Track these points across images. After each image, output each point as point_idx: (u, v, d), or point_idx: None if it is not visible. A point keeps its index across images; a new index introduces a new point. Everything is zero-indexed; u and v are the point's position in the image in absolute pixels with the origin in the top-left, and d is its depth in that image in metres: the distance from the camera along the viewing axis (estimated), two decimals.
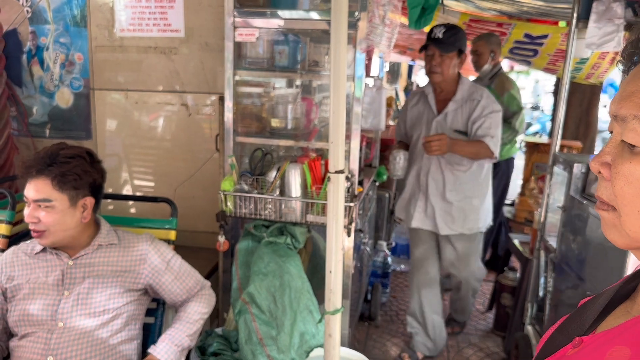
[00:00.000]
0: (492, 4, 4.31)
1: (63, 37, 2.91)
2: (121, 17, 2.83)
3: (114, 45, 2.88)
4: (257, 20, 2.45)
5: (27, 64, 2.97)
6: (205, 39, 2.76)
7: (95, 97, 2.96)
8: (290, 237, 2.42)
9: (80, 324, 1.74)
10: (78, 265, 1.81)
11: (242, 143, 2.58)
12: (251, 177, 2.49)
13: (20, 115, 3.02)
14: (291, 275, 2.32)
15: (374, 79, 3.15)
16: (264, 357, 2.23)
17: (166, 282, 1.91)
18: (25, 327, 1.75)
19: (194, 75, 2.83)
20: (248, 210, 2.44)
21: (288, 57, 2.54)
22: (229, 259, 2.52)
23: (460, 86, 2.86)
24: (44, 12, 2.90)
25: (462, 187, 2.92)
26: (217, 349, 2.33)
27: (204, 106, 2.84)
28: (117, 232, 1.92)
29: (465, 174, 2.90)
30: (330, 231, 1.62)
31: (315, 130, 2.59)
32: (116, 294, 1.81)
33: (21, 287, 1.78)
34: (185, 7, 2.75)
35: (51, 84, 2.98)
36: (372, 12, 2.45)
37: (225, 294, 2.53)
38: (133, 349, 1.88)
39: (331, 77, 1.51)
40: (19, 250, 1.87)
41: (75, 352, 1.72)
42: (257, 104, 2.68)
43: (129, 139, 2.98)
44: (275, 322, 2.27)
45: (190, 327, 1.89)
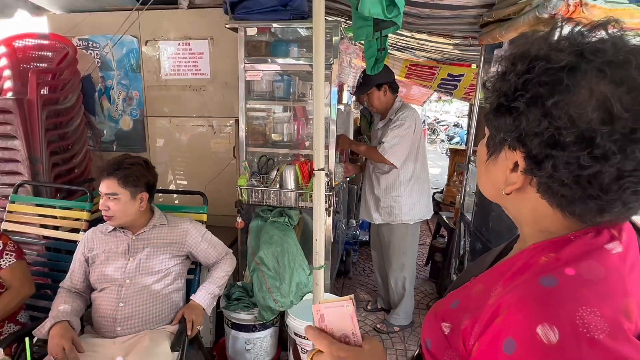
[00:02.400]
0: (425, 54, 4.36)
1: (124, 80, 2.92)
2: (165, 65, 2.84)
3: (160, 85, 2.89)
4: (260, 65, 2.47)
5: (99, 99, 2.98)
6: (225, 79, 2.78)
7: (148, 122, 2.98)
8: (288, 217, 2.46)
9: (142, 280, 1.77)
10: (139, 239, 1.83)
11: (252, 152, 2.60)
12: (259, 176, 2.52)
13: (95, 136, 3.03)
14: (289, 244, 2.35)
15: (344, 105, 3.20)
16: (271, 300, 2.26)
17: (202, 249, 1.94)
18: (102, 283, 1.77)
19: (217, 105, 2.85)
20: (257, 199, 2.47)
21: (283, 91, 2.56)
22: (245, 234, 2.54)
23: (390, 109, 2.70)
24: (110, 62, 2.89)
25: (386, 186, 2.72)
26: (238, 296, 2.36)
27: (224, 126, 2.86)
28: (166, 216, 1.94)
29: (385, 175, 2.71)
30: (316, 212, 1.65)
31: (303, 142, 2.62)
32: (166, 259, 1.83)
33: (98, 256, 1.80)
34: (210, 57, 2.77)
35: (116, 113, 2.99)
36: (342, 59, 2.49)
37: (243, 258, 2.56)
38: (180, 297, 1.91)
39: (314, 104, 1.54)
40: (96, 230, 1.88)
41: (138, 300, 1.75)
42: (262, 124, 2.70)
43: (172, 151, 2.99)
44: (278, 276, 2.30)
45: (219, 281, 1.93)
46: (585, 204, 0.52)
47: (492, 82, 0.60)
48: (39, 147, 2.36)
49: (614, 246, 0.53)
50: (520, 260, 0.58)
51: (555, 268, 0.51)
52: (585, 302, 0.47)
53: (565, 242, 0.55)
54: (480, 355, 0.53)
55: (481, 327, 0.54)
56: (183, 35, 2.77)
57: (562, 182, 0.51)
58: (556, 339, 0.45)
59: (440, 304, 0.68)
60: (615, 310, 0.47)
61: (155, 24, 2.78)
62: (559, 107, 0.49)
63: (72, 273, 1.82)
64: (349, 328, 0.60)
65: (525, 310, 0.48)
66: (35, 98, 2.31)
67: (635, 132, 0.46)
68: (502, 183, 0.60)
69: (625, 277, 0.51)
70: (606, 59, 0.48)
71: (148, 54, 2.84)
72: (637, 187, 0.49)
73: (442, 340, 0.61)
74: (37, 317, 1.91)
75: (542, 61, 0.52)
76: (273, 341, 2.42)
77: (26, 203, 2.27)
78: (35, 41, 2.69)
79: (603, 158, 0.47)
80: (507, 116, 0.55)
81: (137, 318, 1.74)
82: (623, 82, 0.47)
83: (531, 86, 0.52)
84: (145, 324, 1.75)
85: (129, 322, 1.72)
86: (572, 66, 0.49)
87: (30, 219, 2.24)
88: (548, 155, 0.51)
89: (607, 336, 0.45)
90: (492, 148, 0.62)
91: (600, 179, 0.49)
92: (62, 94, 2.57)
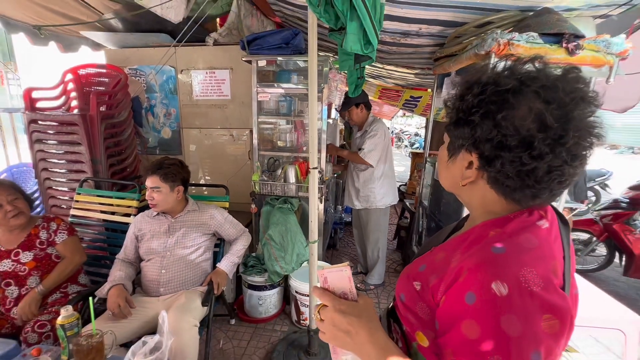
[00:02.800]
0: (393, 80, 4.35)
1: (164, 100, 2.85)
2: (196, 89, 2.79)
3: (192, 104, 2.83)
4: (269, 89, 2.44)
5: (145, 114, 2.91)
6: (242, 99, 2.74)
7: (183, 132, 2.91)
8: (290, 204, 2.44)
9: (179, 252, 1.74)
10: (177, 221, 1.80)
11: (263, 154, 2.58)
12: (268, 173, 2.50)
13: (142, 143, 2.96)
14: (291, 224, 2.34)
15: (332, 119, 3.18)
16: (277, 267, 2.26)
17: (225, 229, 1.91)
18: (149, 255, 1.74)
19: (236, 119, 2.80)
20: (267, 190, 2.45)
21: (286, 108, 2.54)
22: (257, 217, 2.53)
23: (365, 122, 2.69)
24: (153, 86, 2.83)
25: (364, 180, 2.69)
26: (252, 263, 2.35)
27: (242, 135, 2.82)
28: (198, 204, 1.91)
29: (363, 172, 2.69)
30: (311, 200, 1.64)
31: (302, 147, 2.60)
32: (198, 236, 1.81)
33: (145, 234, 1.77)
34: (231, 83, 2.72)
35: (158, 125, 2.92)
36: (330, 84, 2.47)
37: (256, 235, 2.54)
38: (208, 265, 1.89)
39: (309, 118, 1.53)
40: (144, 214, 1.85)
41: (176, 268, 1.73)
42: (270, 133, 2.69)
43: (202, 154, 2.94)
44: (283, 248, 2.29)
45: (238, 252, 1.91)
46: (523, 192, 0.54)
47: (452, 101, 0.60)
48: (99, 152, 2.31)
49: (543, 223, 0.55)
50: (473, 234, 0.58)
51: (503, 239, 0.53)
52: (525, 264, 0.48)
53: (507, 220, 0.56)
54: (447, 305, 0.53)
55: (446, 284, 0.54)
56: (209, 65, 2.73)
57: (507, 175, 0.53)
58: (506, 292, 0.46)
59: (410, 268, 0.67)
60: (547, 270, 0.49)
61: (187, 57, 2.73)
62: (506, 119, 0.50)
63: (125, 247, 1.79)
64: (346, 287, 0.59)
65: (482, 271, 0.49)
66: (96, 114, 2.26)
67: (562, 138, 0.48)
68: (459, 177, 0.61)
69: (551, 244, 0.53)
70: (541, 84, 0.50)
71: (183, 80, 2.79)
72: (561, 179, 0.51)
73: (414, 294, 0.61)
74: (97, 281, 1.87)
75: (492, 85, 0.53)
76: (279, 297, 2.42)
77: (89, 194, 2.23)
78: (95, 70, 2.63)
79: (539, 157, 0.49)
80: (465, 127, 0.56)
81: (175, 281, 1.72)
82: (554, 101, 0.49)
83: (484, 104, 0.53)
84: (182, 286, 1.73)
85: (170, 284, 1.70)
86: (515, 89, 0.51)
87: (93, 207, 2.20)
88: (497, 156, 0.52)
89: (542, 289, 0.47)
90: (451, 151, 0.62)
91: (536, 173, 0.51)
92: (117, 110, 2.51)
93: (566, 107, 0.49)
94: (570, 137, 0.48)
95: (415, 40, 2.28)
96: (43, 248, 1.69)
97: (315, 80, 1.46)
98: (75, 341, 1.07)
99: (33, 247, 1.67)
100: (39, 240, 1.69)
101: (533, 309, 0.46)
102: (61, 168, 2.40)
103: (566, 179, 0.52)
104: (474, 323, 0.47)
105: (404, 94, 4.68)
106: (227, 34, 2.61)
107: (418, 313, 0.59)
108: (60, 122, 2.27)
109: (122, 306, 1.49)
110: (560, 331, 0.47)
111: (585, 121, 0.49)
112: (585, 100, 0.50)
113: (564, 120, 0.48)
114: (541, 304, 0.46)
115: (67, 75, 2.55)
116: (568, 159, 0.50)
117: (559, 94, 0.49)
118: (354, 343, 0.55)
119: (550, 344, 0.47)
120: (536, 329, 0.45)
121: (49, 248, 1.70)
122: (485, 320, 0.47)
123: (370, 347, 0.54)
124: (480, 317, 0.47)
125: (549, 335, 0.46)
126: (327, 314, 0.58)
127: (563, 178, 0.51)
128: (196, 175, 2.98)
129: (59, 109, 2.51)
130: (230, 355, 2.05)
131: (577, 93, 0.49)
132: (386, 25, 2.04)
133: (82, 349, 1.05)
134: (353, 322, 0.55)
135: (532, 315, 0.46)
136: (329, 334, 0.57)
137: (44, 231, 1.71)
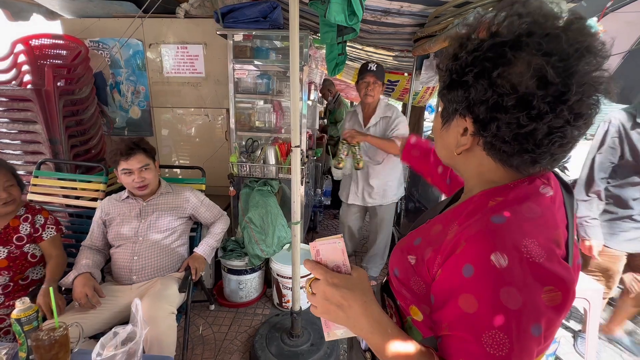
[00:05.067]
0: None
1: (131, 76, 2.61)
2: (167, 65, 2.57)
3: (163, 81, 2.62)
4: (246, 65, 2.29)
5: (110, 92, 2.65)
6: (217, 77, 2.56)
7: (154, 112, 2.70)
8: (270, 186, 2.34)
9: (152, 237, 1.61)
10: (149, 204, 1.66)
11: (240, 135, 2.44)
12: (246, 154, 2.37)
13: (108, 123, 2.71)
14: (271, 207, 2.25)
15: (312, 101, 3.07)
16: (258, 250, 2.17)
17: (201, 212, 1.79)
18: (118, 241, 1.60)
19: (211, 99, 2.62)
20: (245, 172, 2.33)
21: (265, 87, 2.40)
22: (236, 200, 2.42)
23: (378, 106, 2.20)
24: (118, 61, 2.57)
25: (381, 175, 2.29)
26: (232, 247, 2.25)
27: (218, 116, 2.65)
28: (171, 186, 1.77)
29: (379, 166, 2.27)
30: (294, 179, 1.56)
31: (281, 128, 2.49)
32: (172, 220, 1.68)
33: (114, 218, 1.62)
34: (205, 59, 2.53)
35: (126, 104, 2.68)
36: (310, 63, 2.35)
37: (235, 218, 2.43)
38: (184, 250, 1.77)
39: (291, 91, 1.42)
40: (111, 198, 1.69)
41: (150, 253, 1.60)
42: (248, 113, 2.54)
43: (175, 135, 2.74)
44: (263, 231, 2.20)
45: (216, 236, 1.80)
46: (521, 157, 0.49)
47: (444, 63, 0.54)
48: (57, 131, 2.07)
49: (547, 190, 0.51)
50: (472, 205, 0.54)
51: (503, 208, 0.48)
52: (527, 234, 0.45)
53: (506, 188, 0.52)
54: (443, 278, 0.49)
55: (443, 257, 0.50)
56: (181, 40, 2.51)
57: (503, 139, 0.48)
58: (506, 263, 0.43)
59: (404, 241, 0.63)
60: (549, 240, 0.46)
61: (156, 30, 2.49)
62: (502, 77, 0.45)
63: (92, 233, 1.63)
64: (340, 260, 0.55)
65: (480, 242, 0.46)
66: (52, 89, 2.01)
67: (564, 95, 0.43)
68: (454, 146, 0.56)
69: (555, 213, 0.49)
70: (543, 33, 0.44)
71: (151, 55, 2.55)
72: (562, 141, 0.46)
73: (409, 269, 0.57)
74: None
75: (490, 39, 0.47)
76: (260, 281, 2.35)
77: (49, 177, 2.01)
78: (50, 41, 2.33)
79: (538, 117, 0.45)
80: (458, 89, 0.51)
81: (149, 268, 1.59)
82: (555, 53, 0.43)
83: (479, 62, 0.47)
84: (157, 273, 1.61)
85: (143, 271, 1.58)
86: (514, 42, 0.45)
87: (54, 191, 1.99)
88: (493, 118, 0.48)
89: (545, 260, 0.44)
90: (445, 118, 0.57)
91: (535, 135, 0.46)
92: (77, 86, 2.25)
93: (569, 59, 0.43)
94: (573, 94, 0.43)
95: (396, 19, 2.20)
96: (20, 245, 1.45)
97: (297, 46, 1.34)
98: (35, 336, 0.94)
99: (9, 242, 1.43)
100: (17, 235, 1.45)
101: (534, 281, 0.43)
102: (15, 149, 2.14)
103: (568, 142, 0.47)
104: (472, 297, 0.44)
105: None
106: (199, 6, 2.40)
107: (412, 288, 0.56)
108: (10, 98, 2.00)
109: (90, 295, 1.35)
110: (562, 303, 0.44)
111: (590, 75, 0.44)
112: (591, 52, 0.44)
113: (566, 74, 0.43)
114: (543, 276, 0.43)
115: (17, 45, 2.24)
116: (571, 119, 0.44)
117: (562, 44, 0.43)
118: (346, 317, 0.52)
119: (551, 317, 0.44)
120: (537, 302, 0.43)
121: (27, 245, 1.47)
122: (483, 294, 0.43)
123: (364, 320, 0.51)
124: (478, 290, 0.44)
125: (550, 308, 0.43)
126: (319, 287, 0.54)
127: (565, 140, 0.46)
128: (170, 158, 2.80)
129: (9, 84, 2.21)
130: (210, 341, 1.98)
131: (581, 44, 0.44)
132: (367, 2, 1.94)
133: (43, 344, 0.92)
134: (346, 295, 0.52)
135: (532, 288, 0.43)
136: (321, 308, 0.54)
137: (26, 225, 1.48)
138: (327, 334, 0.57)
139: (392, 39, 2.76)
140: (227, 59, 2.23)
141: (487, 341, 0.42)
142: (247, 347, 1.93)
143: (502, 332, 0.42)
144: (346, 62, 4.54)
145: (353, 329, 0.53)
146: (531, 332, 0.42)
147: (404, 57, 3.34)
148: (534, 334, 0.42)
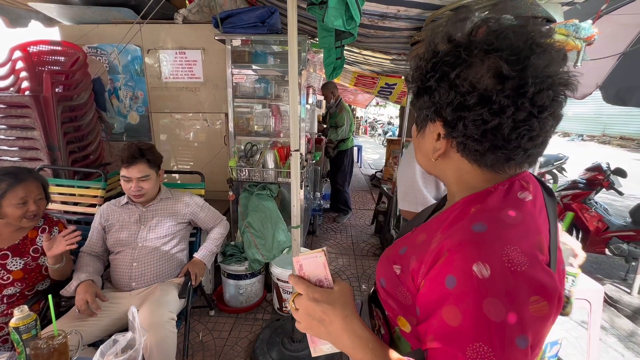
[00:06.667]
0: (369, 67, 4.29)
1: (130, 82, 2.60)
2: (165, 70, 2.56)
3: (161, 86, 2.61)
4: (244, 70, 2.29)
5: (109, 97, 2.64)
6: (216, 82, 2.56)
7: (152, 117, 2.69)
8: (269, 190, 2.34)
9: (152, 243, 1.60)
10: (149, 210, 1.65)
11: (239, 140, 2.44)
12: (245, 158, 2.36)
13: (106, 129, 2.70)
14: (271, 211, 2.25)
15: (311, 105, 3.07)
16: (258, 254, 2.16)
17: (200, 217, 1.78)
18: (118, 247, 1.58)
19: (210, 103, 2.62)
20: (244, 177, 2.33)
21: (263, 91, 2.41)
22: (235, 204, 2.41)
23: None
24: (116, 67, 2.57)
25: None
26: (231, 252, 2.24)
27: (216, 120, 2.64)
28: (171, 191, 1.77)
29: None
30: (293, 184, 1.55)
31: (279, 132, 2.49)
32: (172, 225, 1.67)
33: (114, 225, 1.61)
34: (203, 64, 2.52)
35: (124, 110, 2.67)
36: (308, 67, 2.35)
37: (234, 223, 2.42)
38: (184, 255, 1.76)
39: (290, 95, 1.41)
40: (110, 204, 1.67)
41: (150, 259, 1.59)
42: (246, 118, 2.54)
43: (174, 140, 2.73)
44: (263, 236, 2.19)
45: (216, 241, 1.79)
46: (494, 154, 0.49)
47: (411, 74, 0.56)
48: (56, 137, 2.06)
49: (525, 195, 0.51)
50: (454, 212, 0.54)
51: (483, 216, 0.48)
52: (508, 242, 0.44)
53: (487, 194, 0.52)
54: (427, 290, 0.48)
55: (426, 267, 0.49)
56: (179, 45, 2.51)
57: (473, 137, 0.49)
58: (488, 274, 0.42)
59: (391, 250, 0.63)
60: (532, 247, 0.45)
61: (154, 36, 2.49)
62: (460, 77, 0.47)
63: (91, 239, 1.62)
64: (322, 274, 0.55)
65: (462, 252, 0.45)
66: (50, 95, 2.01)
67: (522, 87, 0.44)
68: (430, 152, 0.57)
69: (536, 218, 0.49)
70: (493, 32, 0.47)
71: (150, 61, 2.55)
72: (531, 134, 0.46)
73: (394, 279, 0.57)
74: None
75: (446, 45, 0.50)
76: (260, 285, 2.33)
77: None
78: (48, 47, 2.33)
79: (500, 111, 0.45)
80: (424, 96, 0.53)
81: (149, 274, 1.58)
82: (506, 48, 0.45)
83: (438, 67, 0.50)
84: (156, 279, 1.60)
85: (143, 278, 1.57)
86: (466, 44, 0.48)
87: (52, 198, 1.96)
88: (459, 118, 0.49)
89: (528, 268, 0.43)
90: (419, 125, 0.59)
91: (502, 130, 0.46)
92: (75, 92, 2.25)
93: (520, 53, 0.44)
94: (530, 85, 0.44)
95: (393, 23, 2.22)
96: (36, 257, 1.44)
97: (295, 51, 1.35)
98: (34, 344, 0.93)
99: (26, 253, 1.41)
100: (34, 247, 1.44)
101: (518, 291, 0.42)
102: (13, 155, 2.12)
103: (538, 135, 0.47)
104: (455, 309, 0.43)
105: (380, 81, 4.65)
106: (197, 11, 2.40)
107: (399, 298, 0.56)
108: (8, 104, 1.99)
109: (90, 301, 1.34)
110: (548, 313, 0.43)
111: (546, 68, 0.45)
112: (541, 45, 0.45)
113: (521, 67, 0.44)
114: (527, 285, 0.42)
115: (15, 52, 2.24)
116: (535, 111, 0.45)
117: (511, 39, 0.45)
118: (328, 332, 0.52)
119: (538, 327, 0.43)
120: (522, 313, 0.42)
121: (42, 258, 1.45)
122: (466, 306, 0.43)
123: (345, 336, 0.50)
124: (461, 303, 0.43)
125: (536, 318, 0.42)
126: (301, 302, 0.54)
127: (533, 133, 0.46)
128: (169, 163, 2.78)
129: (7, 90, 2.21)
130: (211, 347, 1.96)
131: (531, 38, 0.45)
132: (364, 7, 1.96)
133: (42, 352, 0.91)
134: (327, 310, 0.52)
135: (517, 298, 0.42)
136: (304, 324, 0.54)
137: (43, 237, 1.45)
138: (314, 349, 0.57)
139: (389, 43, 2.77)
140: (225, 63, 2.23)
141: (471, 355, 0.41)
142: (248, 353, 1.91)
143: (486, 345, 0.41)
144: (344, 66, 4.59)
145: (335, 344, 0.52)
146: (516, 344, 0.41)
147: (401, 60, 3.36)
148: (520, 346, 0.41)
